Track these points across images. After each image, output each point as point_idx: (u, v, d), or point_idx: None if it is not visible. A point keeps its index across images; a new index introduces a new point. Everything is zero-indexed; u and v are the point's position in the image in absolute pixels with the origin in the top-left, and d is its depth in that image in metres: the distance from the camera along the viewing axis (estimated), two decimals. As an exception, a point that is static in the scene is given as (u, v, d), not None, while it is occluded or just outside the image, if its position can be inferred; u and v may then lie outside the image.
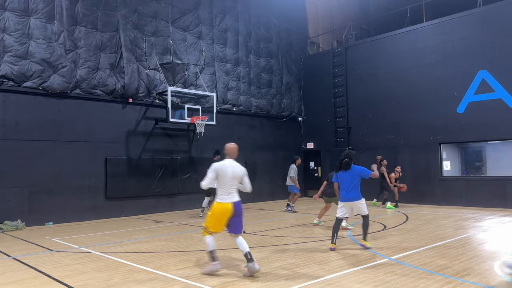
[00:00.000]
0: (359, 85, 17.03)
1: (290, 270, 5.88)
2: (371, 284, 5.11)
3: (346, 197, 7.21)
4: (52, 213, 11.49)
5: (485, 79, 13.56)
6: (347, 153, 7.41)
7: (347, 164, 7.20)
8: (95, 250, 7.71)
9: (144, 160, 13.52)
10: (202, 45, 15.34)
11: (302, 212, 13.15)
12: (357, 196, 7.16)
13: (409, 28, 15.75)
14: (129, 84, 13.11)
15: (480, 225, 9.82)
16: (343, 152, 7.49)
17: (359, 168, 7.20)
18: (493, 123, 13.36)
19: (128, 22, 13.41)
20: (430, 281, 5.17)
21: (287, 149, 18.22)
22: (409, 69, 15.43)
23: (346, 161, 7.22)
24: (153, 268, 6.17)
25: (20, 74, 11.10)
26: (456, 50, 14.27)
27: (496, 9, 13.55)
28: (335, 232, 7.18)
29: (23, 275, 5.98)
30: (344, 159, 7.26)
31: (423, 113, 14.91)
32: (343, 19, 20.45)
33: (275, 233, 9.15)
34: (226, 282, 5.35)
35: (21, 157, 11.12)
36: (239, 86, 16.56)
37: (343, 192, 7.25)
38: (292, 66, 18.92)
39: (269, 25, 17.94)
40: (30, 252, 7.68)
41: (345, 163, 7.21)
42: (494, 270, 5.66)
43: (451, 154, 15.52)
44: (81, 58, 12.28)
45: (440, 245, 7.42)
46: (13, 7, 11.09)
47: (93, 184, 12.37)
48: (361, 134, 16.89)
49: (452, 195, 14.12)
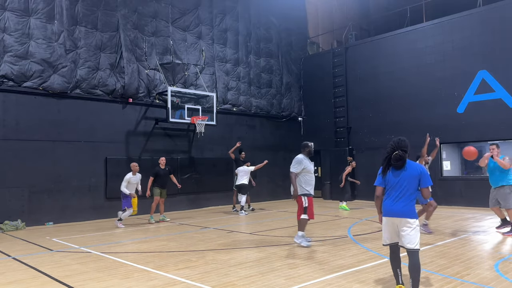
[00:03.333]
0: (359, 85, 17.02)
1: (290, 270, 5.88)
2: (371, 284, 5.11)
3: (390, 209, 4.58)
4: (52, 213, 11.49)
5: (485, 79, 13.56)
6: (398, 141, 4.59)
7: (400, 159, 4.53)
8: (95, 250, 7.71)
9: (144, 160, 13.51)
10: (202, 45, 15.34)
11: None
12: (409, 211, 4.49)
13: (409, 28, 15.75)
14: (129, 84, 13.11)
15: (480, 225, 9.82)
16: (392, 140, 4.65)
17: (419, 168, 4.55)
18: (493, 123, 13.35)
19: (128, 22, 13.41)
20: (430, 281, 5.17)
21: (287, 149, 18.20)
22: (409, 69, 15.43)
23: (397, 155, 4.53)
24: (153, 268, 6.17)
25: (20, 74, 11.10)
26: (456, 50, 14.27)
27: (496, 9, 13.55)
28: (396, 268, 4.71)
29: (23, 275, 5.98)
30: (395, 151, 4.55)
31: (423, 113, 14.91)
32: (343, 19, 20.44)
33: (275, 233, 9.14)
34: (226, 283, 5.35)
35: (21, 157, 11.12)
36: (239, 86, 16.56)
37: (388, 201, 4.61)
38: (292, 66, 18.92)
39: (269, 25, 17.94)
40: (30, 252, 7.68)
41: (395, 158, 4.55)
42: (494, 270, 5.65)
43: (451, 154, 15.52)
44: (81, 58, 12.28)
45: (440, 245, 7.42)
46: (13, 7, 11.09)
47: (93, 184, 12.37)
48: (361, 134, 16.89)
49: (452, 195, 14.12)
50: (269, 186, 17.30)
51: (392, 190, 4.55)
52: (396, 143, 4.55)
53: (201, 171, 14.81)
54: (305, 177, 7.57)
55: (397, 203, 4.48)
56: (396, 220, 4.49)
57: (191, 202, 14.48)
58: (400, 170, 4.53)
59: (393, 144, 4.57)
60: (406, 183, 4.49)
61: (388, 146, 4.63)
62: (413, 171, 4.50)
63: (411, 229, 4.41)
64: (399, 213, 4.47)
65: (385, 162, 4.63)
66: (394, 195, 4.51)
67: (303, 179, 7.55)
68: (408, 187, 4.48)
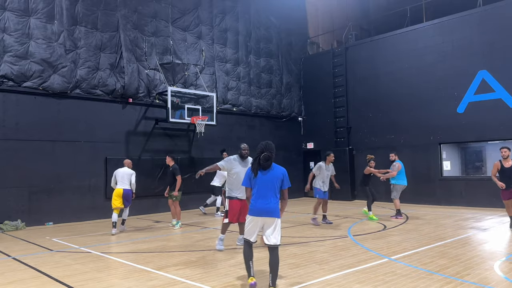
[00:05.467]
0: (359, 85, 17.02)
1: (290, 270, 5.88)
2: (371, 284, 5.11)
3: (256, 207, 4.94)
4: (52, 213, 11.49)
5: (485, 79, 13.56)
6: (266, 144, 5.08)
7: (268, 159, 4.98)
8: (95, 250, 7.71)
9: (144, 160, 13.52)
10: (202, 45, 15.33)
11: (302, 212, 13.14)
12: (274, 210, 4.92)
13: (409, 28, 15.75)
14: (129, 84, 13.11)
15: (480, 225, 9.82)
16: (261, 143, 5.11)
17: (283, 171, 5.07)
18: (493, 123, 13.36)
19: (128, 22, 13.40)
20: (430, 281, 5.17)
21: (287, 149, 18.22)
22: (409, 69, 15.43)
23: (266, 155, 4.98)
24: (153, 268, 6.17)
25: (20, 74, 11.10)
26: (456, 50, 14.27)
27: (496, 9, 13.55)
28: (249, 260, 5.02)
29: (23, 275, 5.98)
30: (264, 153, 5.00)
31: (423, 113, 14.91)
32: (343, 19, 20.44)
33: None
34: (226, 283, 5.35)
35: (21, 157, 11.12)
36: (239, 86, 16.56)
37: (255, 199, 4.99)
38: (292, 66, 18.92)
39: (269, 25, 17.94)
40: (30, 252, 7.68)
41: (264, 158, 4.98)
42: (494, 270, 5.66)
43: (451, 154, 15.53)
44: (81, 58, 12.27)
45: (440, 245, 7.42)
46: (13, 7, 11.09)
47: (93, 184, 12.37)
48: (361, 134, 16.89)
49: (452, 195, 14.12)
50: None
51: (260, 189, 4.92)
52: (264, 146, 5.02)
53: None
54: (233, 179, 7.23)
55: (264, 202, 4.87)
56: (263, 219, 4.90)
57: (192, 202, 14.47)
58: (267, 170, 4.97)
59: (262, 147, 5.03)
60: (272, 184, 4.93)
61: (257, 149, 5.05)
62: (278, 173, 4.99)
63: (276, 227, 4.89)
64: (266, 211, 4.87)
65: (255, 162, 5.02)
66: (262, 194, 4.90)
67: (232, 181, 7.24)
68: (273, 186, 4.93)
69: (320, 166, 10.37)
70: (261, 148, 5.02)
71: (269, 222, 4.90)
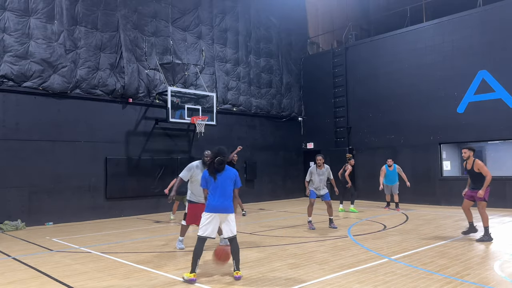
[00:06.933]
0: (359, 85, 17.02)
1: (290, 270, 5.88)
2: (371, 284, 5.11)
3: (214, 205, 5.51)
4: (52, 213, 11.49)
5: (485, 79, 13.56)
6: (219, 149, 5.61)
7: (222, 163, 5.54)
8: (95, 250, 7.71)
9: (144, 160, 13.52)
10: (202, 45, 15.34)
11: (302, 212, 13.14)
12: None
13: (409, 28, 15.75)
14: (129, 84, 13.11)
15: (480, 225, 9.80)
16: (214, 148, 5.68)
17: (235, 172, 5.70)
18: (493, 123, 13.35)
19: (128, 22, 13.41)
20: (430, 281, 5.17)
21: (287, 149, 18.23)
22: (409, 69, 15.42)
23: (220, 159, 5.52)
24: (153, 268, 6.17)
25: (20, 74, 11.10)
26: (456, 50, 14.26)
27: (496, 9, 13.55)
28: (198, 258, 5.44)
29: (23, 275, 5.98)
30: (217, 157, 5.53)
31: (423, 113, 14.91)
32: (343, 19, 20.45)
33: (275, 233, 9.14)
34: (226, 283, 5.35)
35: (21, 157, 11.12)
36: (239, 86, 16.57)
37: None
38: (292, 66, 18.92)
39: (269, 25, 17.94)
40: (30, 252, 7.68)
41: (218, 162, 5.51)
42: (494, 270, 5.66)
43: (451, 154, 15.53)
44: (81, 58, 12.28)
45: (440, 245, 7.43)
46: (13, 7, 11.09)
47: (93, 184, 12.37)
48: (361, 134, 16.89)
49: (452, 195, 14.10)
50: (269, 186, 17.30)
51: (216, 189, 5.48)
52: (217, 151, 5.55)
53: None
54: (194, 185, 7.31)
55: (221, 200, 5.45)
56: (220, 215, 5.47)
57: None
58: (221, 172, 5.54)
59: (215, 151, 5.57)
60: (226, 184, 5.51)
61: (212, 153, 5.61)
62: (231, 174, 5.59)
63: (232, 221, 5.53)
64: (222, 208, 5.45)
65: (211, 166, 5.54)
66: (218, 194, 5.47)
67: (193, 187, 7.35)
68: (227, 186, 5.52)
69: (311, 171, 9.64)
70: (215, 153, 5.55)
71: (224, 218, 5.49)
